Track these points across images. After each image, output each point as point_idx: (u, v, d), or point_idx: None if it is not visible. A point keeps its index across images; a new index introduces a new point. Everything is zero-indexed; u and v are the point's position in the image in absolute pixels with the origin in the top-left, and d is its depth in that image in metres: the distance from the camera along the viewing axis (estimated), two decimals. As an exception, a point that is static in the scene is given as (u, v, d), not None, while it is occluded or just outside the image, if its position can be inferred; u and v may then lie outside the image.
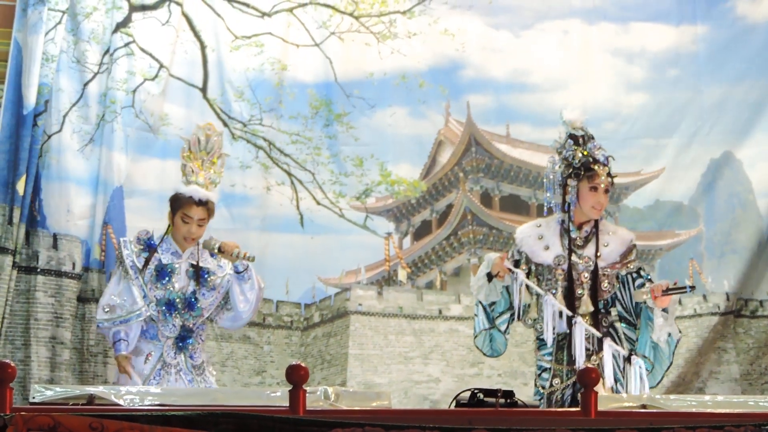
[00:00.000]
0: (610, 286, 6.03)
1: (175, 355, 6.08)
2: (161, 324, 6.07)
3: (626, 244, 6.03)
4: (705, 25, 8.20)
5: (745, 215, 8.11)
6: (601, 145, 6.10)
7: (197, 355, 6.13)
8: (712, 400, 4.60)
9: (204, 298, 6.09)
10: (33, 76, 7.35)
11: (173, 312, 6.06)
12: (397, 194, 8.20)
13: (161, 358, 6.07)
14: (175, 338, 6.07)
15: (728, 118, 8.14)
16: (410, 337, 8.08)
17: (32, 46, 7.37)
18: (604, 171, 5.99)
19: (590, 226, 6.05)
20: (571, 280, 5.96)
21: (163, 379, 6.04)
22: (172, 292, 6.06)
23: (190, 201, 6.07)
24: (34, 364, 7.42)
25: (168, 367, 6.06)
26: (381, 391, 7.17)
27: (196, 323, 6.11)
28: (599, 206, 6.00)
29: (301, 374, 4.21)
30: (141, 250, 6.11)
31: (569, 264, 5.98)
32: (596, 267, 5.97)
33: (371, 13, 8.14)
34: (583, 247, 6.02)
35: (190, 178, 6.12)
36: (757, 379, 8.01)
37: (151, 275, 6.07)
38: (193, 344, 6.10)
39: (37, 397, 4.40)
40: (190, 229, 6.07)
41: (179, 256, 6.11)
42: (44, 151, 7.57)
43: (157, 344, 6.08)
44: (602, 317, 5.99)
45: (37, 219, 7.56)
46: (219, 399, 4.46)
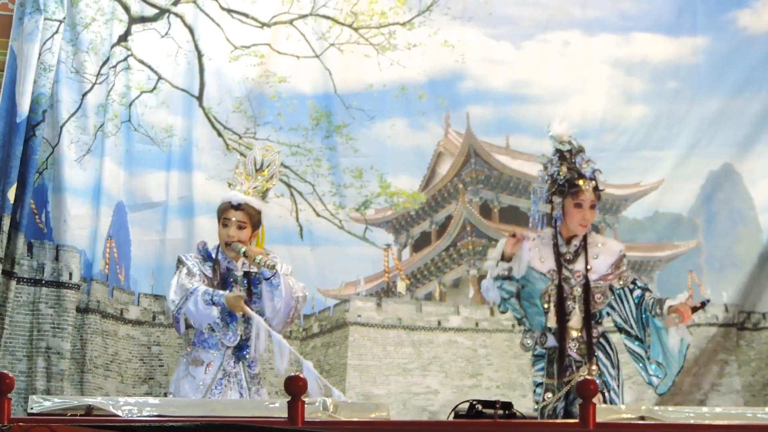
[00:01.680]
0: (603, 297, 6.04)
1: (234, 365, 6.11)
2: (222, 333, 6.09)
3: (615, 255, 6.05)
4: (705, 37, 8.21)
5: (746, 230, 8.11)
6: (590, 158, 6.10)
7: (255, 364, 6.18)
8: (711, 411, 4.59)
9: (256, 306, 6.12)
10: (27, 85, 7.37)
11: (234, 321, 6.09)
12: (397, 206, 8.21)
13: (221, 367, 6.09)
14: (234, 348, 6.10)
15: (728, 131, 8.14)
16: (409, 349, 8.07)
17: (28, 54, 7.38)
18: (590, 186, 5.99)
19: (579, 240, 6.06)
20: (561, 294, 5.96)
21: (226, 389, 6.06)
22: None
23: (227, 205, 6.15)
24: (36, 375, 7.42)
25: (229, 376, 6.09)
26: (380, 402, 7.17)
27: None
28: (585, 222, 6.01)
29: (299, 385, 4.21)
30: (203, 259, 6.16)
31: (560, 278, 5.99)
32: (587, 280, 5.98)
33: (371, 24, 8.15)
34: (573, 261, 6.04)
35: (234, 187, 6.20)
36: (760, 391, 8.01)
37: (218, 284, 6.11)
38: (250, 353, 6.14)
39: (35, 408, 4.39)
40: (228, 232, 6.13)
41: (235, 266, 6.18)
42: (49, 163, 7.58)
43: (216, 353, 6.09)
44: (592, 328, 6.00)
45: (44, 231, 7.57)
46: (217, 410, 4.45)
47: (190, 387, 6.06)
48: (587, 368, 5.93)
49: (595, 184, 6.02)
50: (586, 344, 5.96)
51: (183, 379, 6.11)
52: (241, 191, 6.20)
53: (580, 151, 6.09)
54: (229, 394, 6.04)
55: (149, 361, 7.76)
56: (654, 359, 5.95)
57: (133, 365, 7.72)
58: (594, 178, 6.02)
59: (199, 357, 6.10)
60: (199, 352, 6.11)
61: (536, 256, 6.09)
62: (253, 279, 6.16)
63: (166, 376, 7.69)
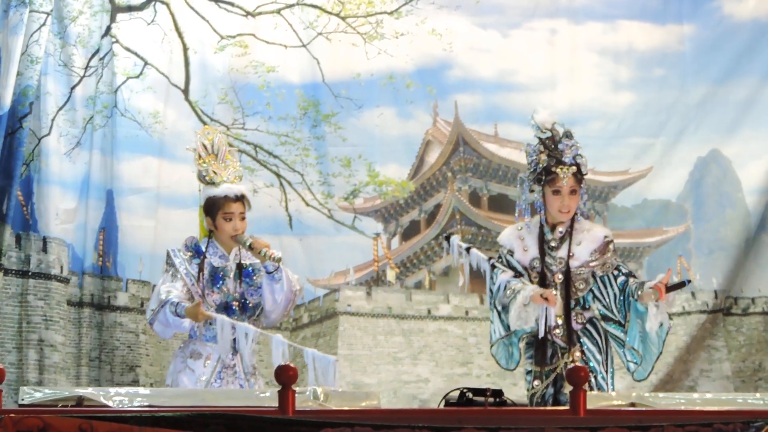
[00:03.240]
0: (584, 284, 6.03)
1: (233, 357, 6.10)
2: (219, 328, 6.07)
3: (599, 241, 6.02)
4: (691, 25, 8.22)
5: (734, 213, 8.14)
6: (576, 143, 6.07)
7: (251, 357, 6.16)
8: (701, 397, 4.61)
9: (252, 298, 6.10)
10: (10, 78, 7.34)
11: (231, 315, 6.06)
12: (386, 195, 8.21)
13: (220, 360, 6.07)
14: (232, 341, 6.07)
15: (715, 117, 8.16)
16: (399, 338, 8.08)
17: (12, 47, 7.35)
18: (569, 172, 5.96)
19: (565, 227, 6.05)
20: (543, 282, 5.97)
21: (225, 382, 6.05)
22: (228, 294, 6.07)
23: (226, 200, 6.10)
24: (24, 367, 7.41)
25: (228, 368, 6.08)
26: (370, 391, 7.18)
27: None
28: (566, 209, 5.99)
29: (290, 375, 4.21)
30: (191, 256, 6.13)
31: (542, 266, 5.99)
32: (568, 267, 5.98)
33: (358, 13, 8.14)
34: (557, 248, 6.04)
35: (216, 179, 6.15)
36: (750, 376, 8.03)
37: (207, 280, 6.08)
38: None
39: (26, 399, 4.38)
40: (234, 225, 6.10)
41: (227, 258, 6.14)
42: (35, 155, 7.56)
43: (214, 346, 6.08)
44: (578, 315, 6.00)
45: (30, 222, 7.55)
46: (208, 400, 4.45)
47: (189, 380, 6.04)
48: (570, 355, 5.94)
49: (576, 170, 5.98)
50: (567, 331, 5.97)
51: (181, 373, 6.09)
52: (226, 181, 6.16)
53: (565, 137, 6.06)
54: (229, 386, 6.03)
55: (137, 349, 7.75)
56: (630, 345, 5.95)
57: (120, 353, 7.70)
58: (575, 163, 5.98)
59: (198, 350, 6.08)
60: (197, 345, 6.10)
61: (520, 246, 6.09)
62: (244, 271, 6.14)
63: (151, 366, 7.69)
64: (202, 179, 6.19)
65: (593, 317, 6.06)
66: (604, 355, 6.03)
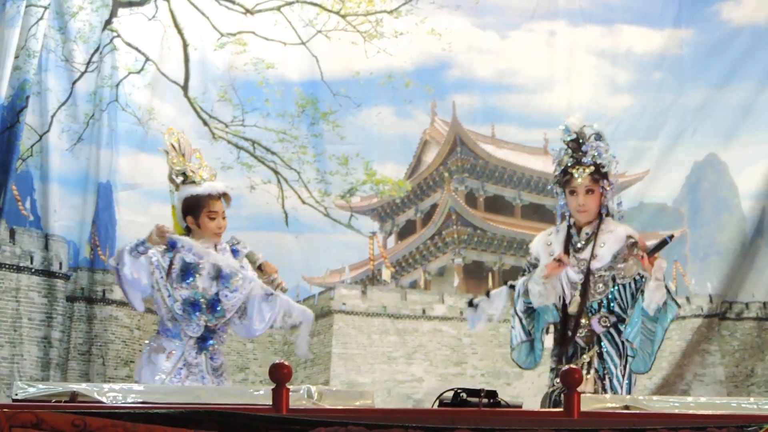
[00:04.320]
0: (603, 287, 6.04)
1: (196, 355, 6.10)
2: (185, 324, 6.08)
3: (621, 241, 6.03)
4: (690, 29, 8.23)
5: (730, 218, 8.15)
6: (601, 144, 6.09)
7: (217, 356, 6.16)
8: (695, 401, 4.61)
9: (227, 299, 6.10)
10: (5, 70, 7.32)
11: (197, 312, 6.06)
12: (382, 193, 8.21)
13: (183, 357, 6.07)
14: (197, 338, 6.08)
15: (712, 121, 8.17)
16: (394, 337, 8.08)
17: (8, 40, 7.34)
18: (585, 171, 5.99)
19: (592, 228, 6.06)
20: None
21: (184, 378, 6.05)
22: (197, 291, 6.06)
23: (210, 198, 6.11)
24: (25, 363, 7.40)
25: (190, 366, 6.08)
26: (364, 390, 7.17)
27: (218, 324, 6.13)
28: (583, 209, 6.01)
29: (284, 373, 4.20)
30: (165, 249, 6.12)
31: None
32: (588, 269, 5.98)
33: (358, 12, 8.14)
34: (582, 249, 6.05)
35: (194, 178, 6.16)
36: (743, 381, 8.04)
37: (176, 275, 6.08)
38: (214, 345, 6.13)
39: (20, 394, 4.38)
40: (218, 223, 6.13)
41: (201, 256, 6.13)
42: (35, 151, 7.55)
43: (178, 343, 6.08)
44: (603, 318, 6.01)
45: (29, 219, 7.54)
46: (202, 397, 4.45)
47: (150, 374, 6.05)
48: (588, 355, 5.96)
49: (594, 169, 6.01)
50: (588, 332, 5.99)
51: (145, 367, 6.11)
52: (206, 180, 6.17)
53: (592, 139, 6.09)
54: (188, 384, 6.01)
55: (131, 344, 7.75)
56: (624, 337, 5.97)
57: (115, 347, 7.70)
58: (593, 163, 6.01)
59: (162, 345, 6.10)
60: (163, 340, 6.11)
61: (546, 252, 6.12)
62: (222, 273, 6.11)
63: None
64: (174, 179, 6.20)
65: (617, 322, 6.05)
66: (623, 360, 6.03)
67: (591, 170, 6.00)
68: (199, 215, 6.13)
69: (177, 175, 6.21)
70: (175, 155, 6.22)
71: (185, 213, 6.17)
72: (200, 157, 6.28)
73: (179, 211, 6.21)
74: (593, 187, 6.00)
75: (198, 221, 6.13)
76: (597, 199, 6.03)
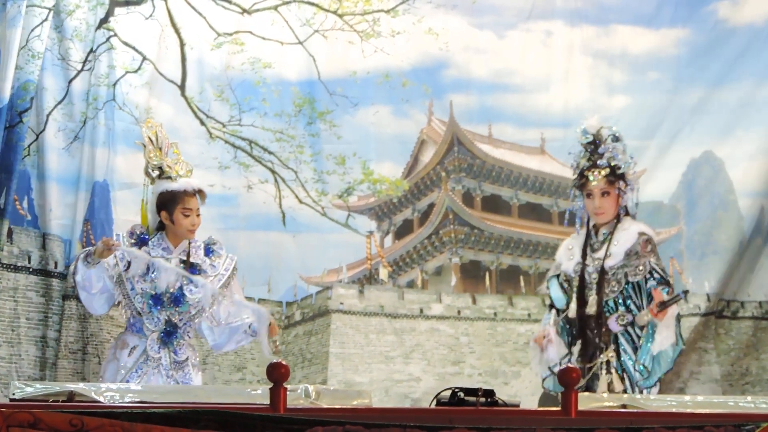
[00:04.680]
0: (617, 285, 6.06)
1: (159, 350, 6.07)
2: (146, 318, 6.06)
3: (634, 238, 6.08)
4: (686, 29, 8.23)
5: (726, 216, 8.15)
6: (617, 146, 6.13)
7: (181, 351, 6.12)
8: (692, 400, 4.61)
9: (191, 294, 6.08)
10: (8, 71, 7.31)
11: (159, 307, 6.05)
12: (380, 193, 8.21)
13: (144, 352, 6.06)
14: (159, 333, 6.06)
15: (708, 121, 8.17)
16: (391, 336, 8.08)
17: (9, 40, 7.33)
18: (600, 174, 6.04)
19: (609, 228, 6.10)
20: (582, 283, 6.03)
21: (144, 373, 6.03)
22: (159, 286, 6.05)
23: (185, 194, 6.09)
24: (23, 362, 7.39)
25: (151, 360, 6.05)
26: (362, 389, 7.18)
27: (182, 319, 6.10)
28: (599, 211, 6.08)
29: (281, 372, 4.20)
30: (133, 243, 6.11)
31: (583, 268, 6.05)
32: (602, 267, 6.01)
33: (355, 11, 8.14)
34: (599, 249, 6.08)
35: (170, 173, 6.14)
36: (738, 380, 8.04)
37: (140, 269, 6.06)
38: (178, 340, 6.09)
39: (17, 394, 4.38)
40: (192, 220, 6.12)
41: (170, 251, 6.12)
42: (33, 150, 7.55)
43: (142, 338, 6.08)
44: (621, 316, 6.03)
45: (27, 218, 7.53)
46: (200, 396, 4.45)
47: (113, 371, 6.05)
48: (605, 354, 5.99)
49: (609, 171, 6.05)
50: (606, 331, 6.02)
51: (110, 363, 6.11)
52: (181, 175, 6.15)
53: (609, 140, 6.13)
54: (150, 378, 5.99)
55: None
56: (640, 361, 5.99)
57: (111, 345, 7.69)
58: (609, 165, 6.05)
59: (126, 340, 6.10)
60: (127, 336, 6.12)
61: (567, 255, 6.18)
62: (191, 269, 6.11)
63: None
64: (150, 173, 6.17)
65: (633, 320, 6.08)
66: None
67: (606, 173, 6.05)
68: (174, 211, 6.10)
69: (153, 169, 6.19)
70: (152, 149, 6.20)
71: (159, 208, 6.15)
72: (177, 152, 6.26)
73: (152, 205, 6.19)
74: (609, 189, 6.05)
75: (172, 217, 6.11)
76: (613, 201, 6.08)
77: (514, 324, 8.15)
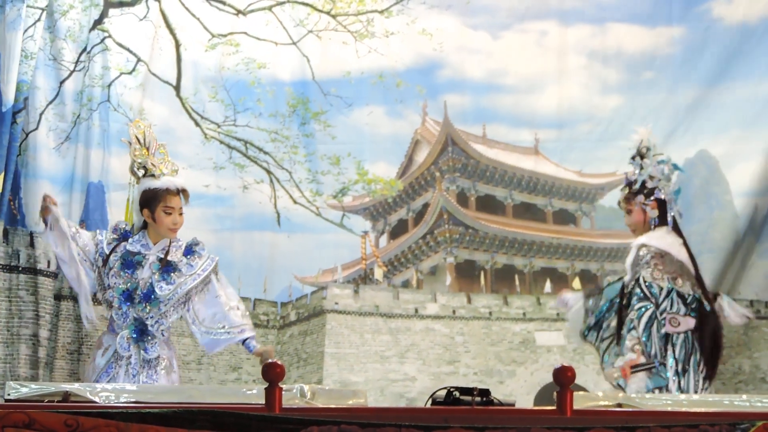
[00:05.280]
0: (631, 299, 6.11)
1: (129, 347, 6.01)
2: (115, 313, 6.03)
3: (634, 251, 6.15)
4: (681, 27, 8.23)
5: (721, 215, 8.15)
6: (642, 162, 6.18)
7: (152, 349, 6.04)
8: (688, 399, 4.62)
9: (161, 291, 6.04)
10: (12, 73, 7.32)
11: (129, 303, 6.02)
12: (374, 193, 8.21)
13: (115, 351, 6.02)
14: (130, 331, 6.01)
15: (703, 119, 8.17)
16: (386, 336, 8.08)
17: (11, 43, 7.33)
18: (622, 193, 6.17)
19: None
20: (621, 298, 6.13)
21: (114, 372, 5.99)
22: (133, 283, 6.02)
23: (167, 192, 6.07)
24: (16, 362, 7.39)
25: (120, 359, 6.01)
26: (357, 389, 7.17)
27: (153, 316, 6.05)
28: (630, 228, 6.18)
29: (277, 372, 4.20)
30: (115, 239, 6.09)
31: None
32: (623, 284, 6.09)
33: (348, 11, 8.14)
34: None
35: (155, 172, 6.13)
36: (731, 379, 8.05)
37: (116, 262, 6.04)
38: (149, 338, 6.03)
39: (12, 394, 4.37)
40: (174, 219, 6.08)
41: (149, 248, 6.09)
42: (23, 149, 7.54)
43: (115, 337, 6.04)
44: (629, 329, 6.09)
45: (17, 217, 7.53)
46: (195, 396, 4.44)
47: (90, 371, 6.04)
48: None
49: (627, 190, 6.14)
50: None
51: (90, 363, 6.10)
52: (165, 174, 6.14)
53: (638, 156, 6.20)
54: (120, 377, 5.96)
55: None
56: None
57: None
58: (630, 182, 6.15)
59: (102, 340, 6.09)
60: (105, 335, 6.10)
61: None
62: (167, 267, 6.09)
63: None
64: (135, 171, 6.17)
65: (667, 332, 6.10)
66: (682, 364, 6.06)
67: (625, 192, 6.15)
68: (156, 209, 6.08)
69: (138, 168, 6.18)
70: (138, 148, 6.19)
71: (142, 206, 6.13)
72: (165, 152, 6.25)
73: (136, 204, 6.17)
74: (630, 207, 6.14)
75: (154, 215, 6.09)
76: (638, 216, 6.15)
77: (509, 323, 8.15)
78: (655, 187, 6.16)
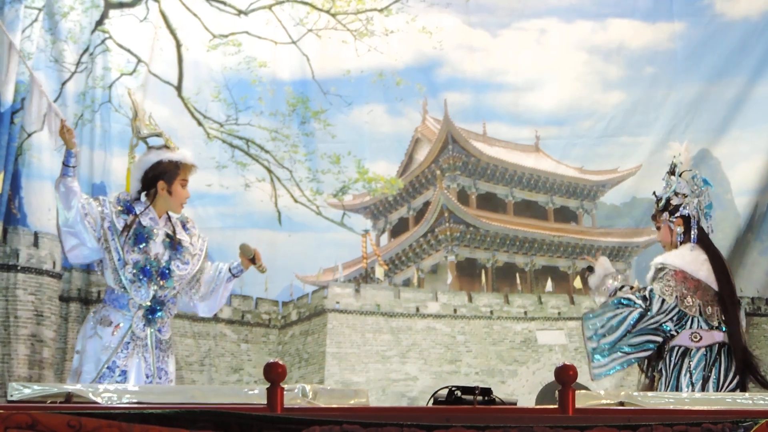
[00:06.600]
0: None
1: (144, 327, 5.92)
2: (134, 291, 5.87)
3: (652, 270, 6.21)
4: (682, 23, 8.23)
5: (723, 214, 8.15)
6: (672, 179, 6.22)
7: (165, 329, 5.97)
8: (690, 397, 4.61)
9: (179, 270, 5.97)
10: (10, 74, 7.32)
11: (147, 279, 5.92)
12: (375, 191, 8.21)
13: (130, 330, 5.90)
14: (145, 309, 5.91)
15: (705, 116, 8.18)
16: (388, 335, 8.08)
17: (9, 43, 7.32)
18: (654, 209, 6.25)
19: None
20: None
21: (132, 353, 5.90)
22: (149, 258, 5.93)
23: (185, 166, 6.01)
24: (13, 362, 7.39)
25: (137, 339, 5.92)
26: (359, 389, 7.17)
27: (166, 295, 5.97)
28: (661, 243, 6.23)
29: (278, 372, 4.19)
30: (120, 211, 5.97)
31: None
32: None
33: (348, 10, 8.14)
34: None
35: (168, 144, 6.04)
36: (731, 376, 8.04)
37: (129, 237, 5.93)
38: (162, 317, 5.95)
39: (15, 395, 4.36)
40: (187, 192, 6.02)
41: (156, 222, 6.00)
42: (24, 149, 7.54)
43: (126, 314, 5.88)
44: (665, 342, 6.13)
45: (17, 217, 7.52)
46: (197, 397, 4.44)
47: (95, 347, 5.86)
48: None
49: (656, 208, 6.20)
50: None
51: (90, 339, 5.90)
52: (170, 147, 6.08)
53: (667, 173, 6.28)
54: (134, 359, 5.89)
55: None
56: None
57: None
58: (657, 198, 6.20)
59: (108, 317, 5.88)
60: (110, 311, 5.90)
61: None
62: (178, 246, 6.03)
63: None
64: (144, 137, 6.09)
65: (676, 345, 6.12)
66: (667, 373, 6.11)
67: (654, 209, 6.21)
68: (173, 181, 5.98)
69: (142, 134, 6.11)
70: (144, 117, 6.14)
71: (158, 177, 6.01)
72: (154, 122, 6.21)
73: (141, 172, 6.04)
74: (658, 224, 6.19)
75: (171, 187, 5.98)
76: (665, 233, 6.21)
77: (511, 322, 8.15)
78: (680, 204, 6.21)
